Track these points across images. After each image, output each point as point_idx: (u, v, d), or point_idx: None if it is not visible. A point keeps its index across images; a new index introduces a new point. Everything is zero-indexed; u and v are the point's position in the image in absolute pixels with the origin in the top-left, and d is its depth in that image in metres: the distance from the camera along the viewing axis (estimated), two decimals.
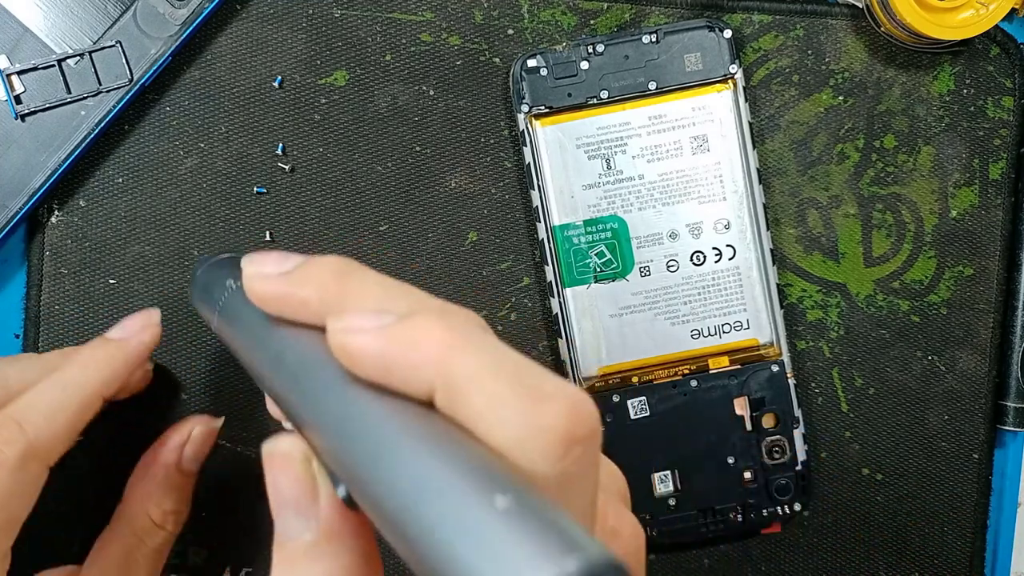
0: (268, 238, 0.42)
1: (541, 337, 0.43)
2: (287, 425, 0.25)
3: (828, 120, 0.43)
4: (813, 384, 0.43)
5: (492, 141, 0.42)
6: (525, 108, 0.41)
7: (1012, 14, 0.43)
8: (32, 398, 0.33)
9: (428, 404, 0.21)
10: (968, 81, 0.43)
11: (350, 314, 0.22)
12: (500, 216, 0.43)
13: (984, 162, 0.43)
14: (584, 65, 0.41)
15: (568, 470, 0.20)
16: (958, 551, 0.44)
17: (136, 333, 0.37)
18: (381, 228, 0.42)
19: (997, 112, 0.43)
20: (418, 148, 0.42)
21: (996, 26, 0.41)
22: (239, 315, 0.28)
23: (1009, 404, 0.43)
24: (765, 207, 0.42)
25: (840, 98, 0.43)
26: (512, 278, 0.43)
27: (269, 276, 0.25)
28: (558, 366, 0.43)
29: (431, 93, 0.42)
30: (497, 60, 0.42)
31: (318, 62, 0.42)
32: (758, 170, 0.42)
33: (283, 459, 0.23)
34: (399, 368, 0.21)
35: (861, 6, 0.42)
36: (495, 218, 0.43)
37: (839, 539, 0.44)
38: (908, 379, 0.43)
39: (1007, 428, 0.43)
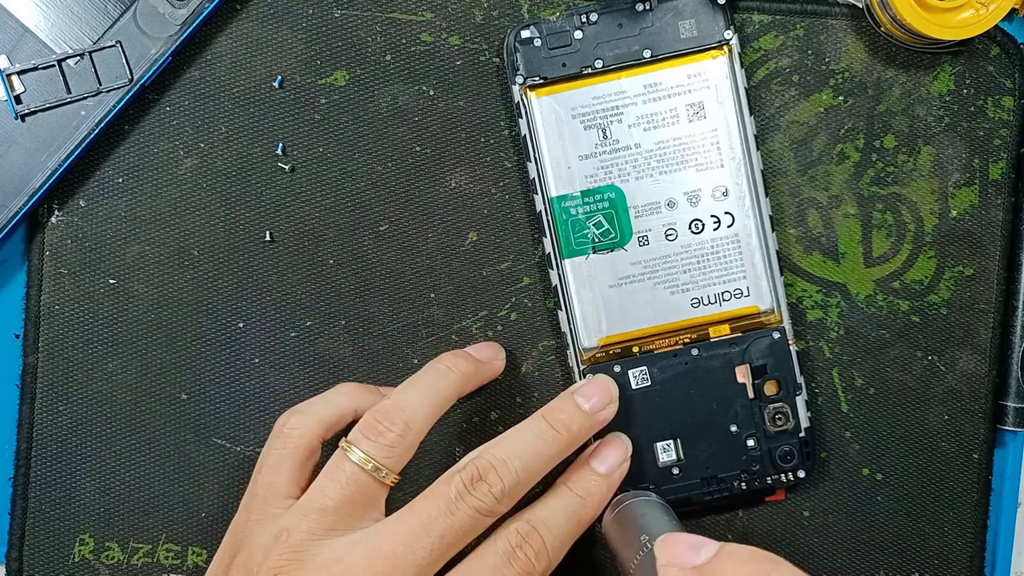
0: (268, 238, 0.42)
1: (541, 337, 0.43)
2: None
3: (828, 120, 0.43)
4: (813, 384, 0.43)
5: (492, 141, 0.42)
6: (519, 79, 0.41)
7: (1012, 14, 0.43)
8: (416, 411, 0.37)
9: None
10: (968, 81, 0.43)
11: None
12: (500, 216, 0.43)
13: (984, 162, 0.43)
14: (578, 35, 0.41)
15: None
16: (958, 551, 0.44)
17: (493, 359, 0.42)
18: (381, 228, 0.42)
19: (997, 112, 0.43)
20: (418, 148, 0.42)
21: (996, 26, 0.41)
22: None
23: (1009, 404, 0.43)
24: (763, 173, 0.41)
25: (840, 98, 0.43)
26: (512, 278, 0.43)
27: (684, 570, 0.29)
28: (558, 339, 0.43)
29: (431, 93, 0.42)
30: (497, 60, 0.42)
31: (318, 62, 0.42)
32: (755, 136, 0.41)
33: None
34: None
35: (861, 6, 0.42)
36: (495, 218, 0.43)
37: (839, 539, 0.44)
38: (908, 379, 0.43)
39: (1007, 428, 0.43)
